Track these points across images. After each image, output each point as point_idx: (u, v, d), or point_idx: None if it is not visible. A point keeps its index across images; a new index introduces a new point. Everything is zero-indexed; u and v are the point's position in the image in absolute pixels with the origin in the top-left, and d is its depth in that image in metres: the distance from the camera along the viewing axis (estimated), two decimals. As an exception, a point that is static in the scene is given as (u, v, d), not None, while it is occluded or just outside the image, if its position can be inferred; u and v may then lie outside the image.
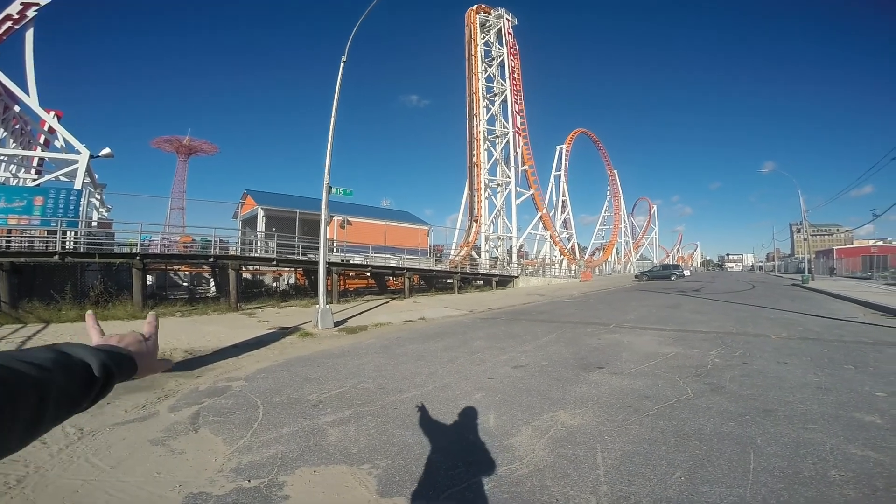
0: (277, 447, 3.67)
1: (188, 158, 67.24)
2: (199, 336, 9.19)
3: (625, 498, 2.77)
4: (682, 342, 8.21)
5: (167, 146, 66.11)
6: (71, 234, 14.47)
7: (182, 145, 65.89)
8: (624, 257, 76.42)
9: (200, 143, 67.69)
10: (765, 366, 6.23)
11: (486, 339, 9.01)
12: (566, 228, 55.12)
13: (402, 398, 5.02)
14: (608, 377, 5.81)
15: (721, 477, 3.01)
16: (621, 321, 11.47)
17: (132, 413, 4.58)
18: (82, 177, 17.47)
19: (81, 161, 17.61)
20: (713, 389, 5.10)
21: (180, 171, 66.55)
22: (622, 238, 74.33)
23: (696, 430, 3.85)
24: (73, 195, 15.26)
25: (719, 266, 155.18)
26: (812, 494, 2.76)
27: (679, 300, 17.81)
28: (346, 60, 11.46)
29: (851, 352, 7.13)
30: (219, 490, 2.98)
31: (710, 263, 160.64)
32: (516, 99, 36.86)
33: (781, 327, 9.90)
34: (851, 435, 3.68)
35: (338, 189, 11.55)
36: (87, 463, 3.40)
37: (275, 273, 23.55)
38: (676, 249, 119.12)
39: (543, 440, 3.73)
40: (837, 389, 5.01)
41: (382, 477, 3.14)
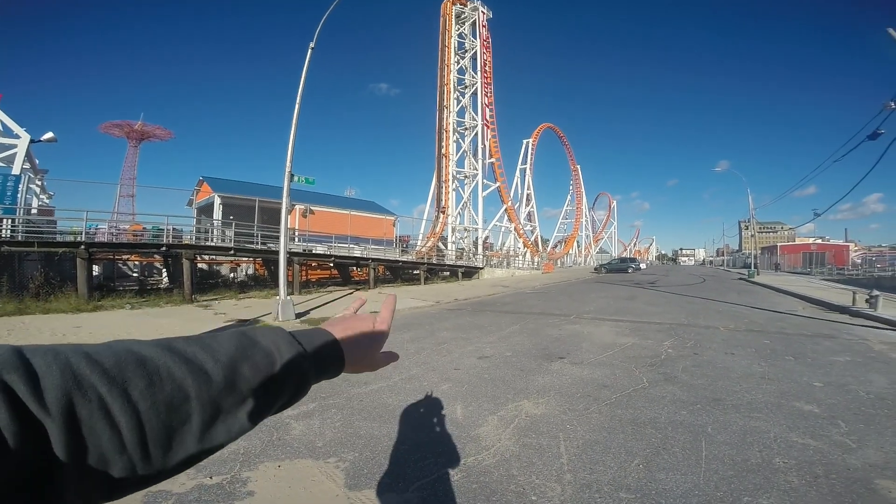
0: (238, 442, 3.56)
1: (140, 144, 63.71)
2: (151, 329, 8.79)
3: (587, 486, 2.88)
4: (638, 333, 8.56)
5: (117, 131, 62.32)
6: (7, 221, 13.49)
7: (133, 130, 62.27)
8: (584, 250, 78.62)
9: (153, 129, 64.22)
10: (714, 356, 6.58)
11: (453, 330, 9.07)
12: (530, 221, 56.01)
13: (368, 390, 4.99)
14: (569, 367, 5.98)
15: (676, 464, 3.16)
16: (581, 312, 11.82)
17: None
18: (21, 161, 16.31)
19: (21, 145, 16.45)
20: (667, 379, 5.35)
21: (130, 157, 62.99)
22: (583, 231, 76.36)
23: (651, 419, 4.03)
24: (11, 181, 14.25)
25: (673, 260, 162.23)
26: (759, 481, 2.93)
27: (635, 292, 18.52)
28: (314, 47, 11.12)
29: (792, 343, 7.62)
30: (179, 488, 2.87)
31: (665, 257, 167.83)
32: (486, 92, 36.94)
33: (729, 319, 10.48)
34: (793, 423, 3.92)
35: (300, 177, 11.25)
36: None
37: (232, 263, 22.73)
38: (634, 243, 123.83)
39: (509, 430, 3.81)
40: (779, 379, 5.35)
41: (350, 470, 3.12)
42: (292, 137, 10.98)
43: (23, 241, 12.81)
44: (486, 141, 37.03)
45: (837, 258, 46.71)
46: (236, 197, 27.26)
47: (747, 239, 69.36)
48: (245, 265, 23.39)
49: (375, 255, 23.42)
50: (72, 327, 8.73)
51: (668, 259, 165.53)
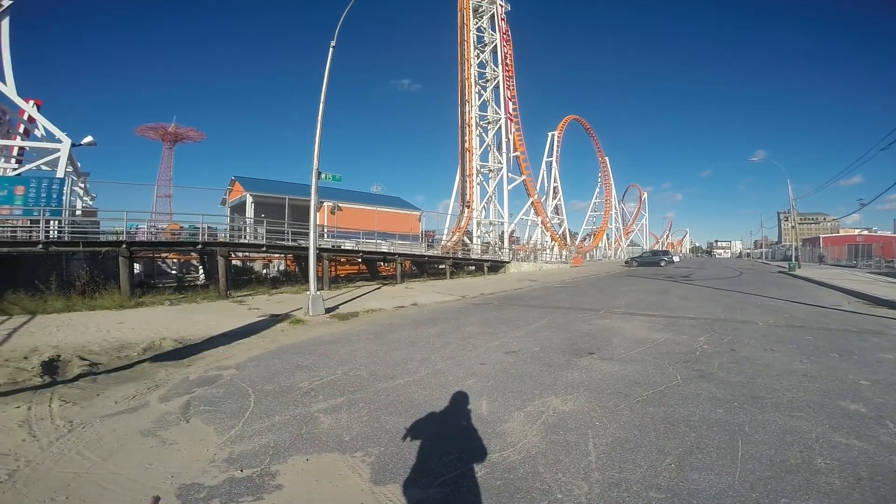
0: (269, 436, 3.66)
1: (174, 146, 66.21)
2: (188, 325, 9.11)
3: (616, 485, 2.80)
4: (671, 328, 8.31)
5: (152, 133, 64.95)
6: (54, 222, 14.23)
7: (167, 133, 64.77)
8: (614, 243, 77.01)
9: (186, 131, 66.59)
10: (752, 353, 6.32)
11: (479, 325, 9.04)
12: (557, 214, 55.26)
13: (395, 385, 5.03)
14: (599, 363, 5.86)
15: (710, 464, 3.05)
16: (611, 307, 11.57)
17: (122, 404, 4.52)
18: (64, 165, 17.13)
19: (63, 149, 17.26)
20: (702, 376, 5.17)
21: (166, 159, 65.59)
22: (612, 224, 74.78)
23: (685, 417, 3.89)
24: (56, 184, 14.95)
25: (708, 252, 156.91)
26: (799, 482, 2.80)
27: (668, 286, 18.00)
28: (335, 45, 11.22)
29: (836, 340, 7.23)
30: (211, 480, 2.96)
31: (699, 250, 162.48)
32: (508, 85, 36.55)
33: (768, 314, 10.05)
34: (836, 423, 3.73)
35: (327, 174, 11.39)
36: (78, 455, 3.35)
37: (265, 260, 23.35)
38: (666, 236, 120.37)
39: (535, 426, 3.76)
40: (823, 377, 5.09)
41: (375, 465, 3.14)
42: (318, 135, 11.13)
43: (69, 242, 13.50)
44: (510, 134, 36.66)
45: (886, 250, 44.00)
46: (267, 195, 27.95)
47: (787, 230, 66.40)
48: (277, 261, 23.99)
49: (402, 250, 23.60)
50: (115, 323, 9.14)
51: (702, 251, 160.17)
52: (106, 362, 6.33)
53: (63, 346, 7.04)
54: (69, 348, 6.86)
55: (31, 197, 14.26)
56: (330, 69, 11.19)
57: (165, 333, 8.14)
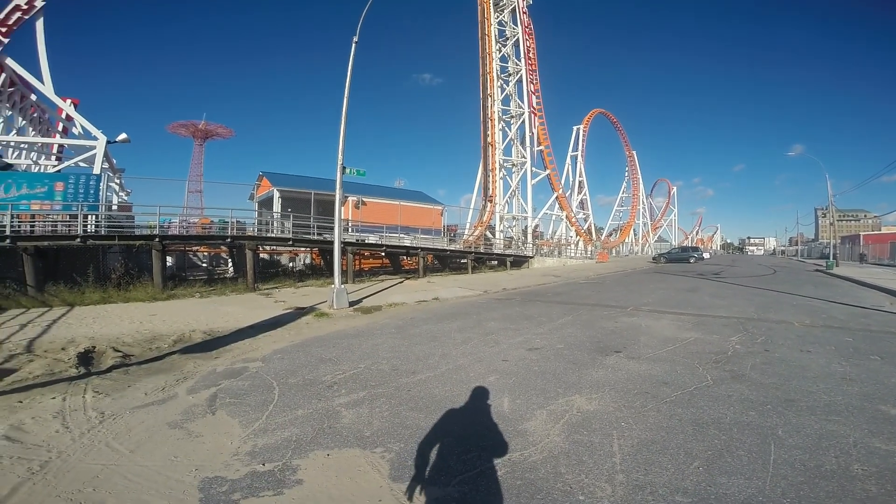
0: (292, 429, 3.70)
1: (204, 142, 68.35)
2: (217, 317, 9.35)
3: (641, 487, 2.72)
4: (701, 327, 8.05)
5: (183, 130, 67.09)
6: (92, 217, 14.82)
7: (198, 129, 66.78)
8: (642, 239, 75.20)
9: (216, 127, 68.53)
10: (787, 354, 6.07)
11: (501, 321, 8.97)
12: (583, 209, 54.30)
13: (416, 380, 5.03)
14: (625, 362, 5.72)
15: (740, 468, 2.94)
16: (639, 304, 11.30)
17: (152, 396, 4.65)
18: (100, 162, 17.83)
19: (99, 147, 17.95)
20: (734, 377, 4.99)
21: (197, 155, 67.73)
22: (640, 219, 72.99)
23: (715, 419, 3.76)
24: (93, 180, 15.58)
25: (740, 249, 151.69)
26: (833, 489, 2.69)
27: (698, 283, 17.47)
28: (357, 41, 11.29)
29: (878, 342, 6.88)
30: (234, 474, 3.00)
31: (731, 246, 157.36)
32: (531, 79, 35.97)
33: (805, 314, 9.63)
34: (876, 428, 3.56)
35: (351, 169, 11.48)
36: (107, 447, 3.45)
37: (291, 253, 23.77)
38: (696, 231, 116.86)
39: (558, 425, 3.69)
40: (863, 380, 4.85)
41: (395, 461, 3.14)
42: (342, 131, 11.21)
43: (105, 235, 14.06)
44: (534, 128, 36.09)
45: (932, 249, 41.58)
46: (293, 190, 28.42)
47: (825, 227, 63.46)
48: (303, 255, 24.39)
49: (424, 244, 23.64)
50: (148, 315, 9.45)
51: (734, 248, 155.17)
52: (138, 354, 6.54)
53: (98, 337, 7.31)
54: (104, 340, 7.12)
55: (69, 193, 14.89)
56: (353, 64, 11.26)
57: (195, 325, 8.36)
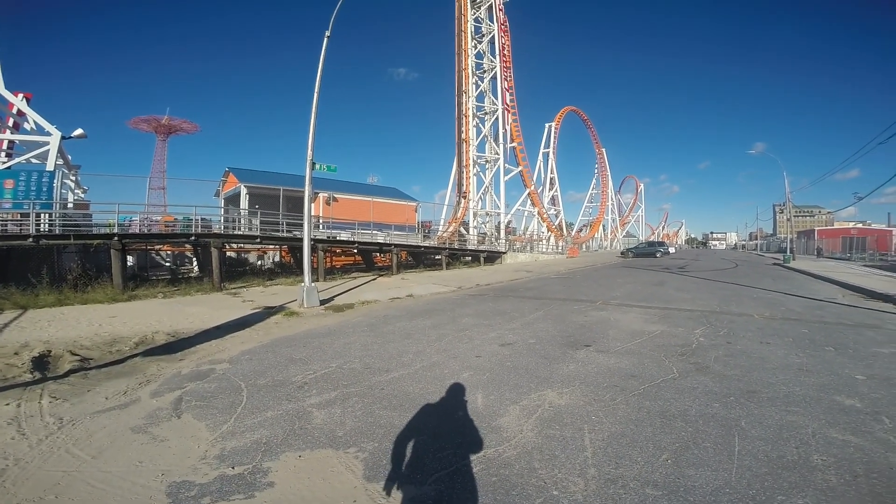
0: (262, 432, 3.61)
1: (168, 138, 66.35)
2: (181, 317, 9.02)
3: (612, 481, 2.77)
4: (667, 320, 8.30)
5: (145, 126, 64.91)
6: (45, 216, 14.06)
7: (161, 125, 64.69)
8: (610, 234, 77.12)
9: (180, 123, 66.47)
10: (748, 346, 6.32)
11: (475, 317, 9.01)
12: (554, 205, 55.19)
13: (389, 378, 4.98)
14: (595, 355, 5.84)
15: (706, 460, 3.03)
16: (608, 298, 11.56)
17: (113, 400, 4.45)
18: (54, 158, 17.01)
19: (53, 142, 17.10)
20: (698, 369, 5.15)
21: (160, 151, 65.62)
22: (609, 215, 74.85)
23: (681, 412, 3.87)
24: (46, 177, 14.82)
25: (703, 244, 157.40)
26: (796, 479, 2.78)
27: (664, 277, 18.02)
28: (329, 35, 11.07)
29: (832, 333, 7.25)
30: (202, 478, 2.91)
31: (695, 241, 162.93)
32: (506, 76, 36.22)
33: (764, 307, 10.06)
34: (833, 419, 3.72)
35: (321, 165, 11.26)
36: (67, 454, 3.30)
37: (259, 251, 23.22)
38: (662, 227, 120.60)
39: (531, 421, 3.73)
40: (819, 371, 5.08)
41: (369, 461, 3.10)
42: (312, 126, 10.97)
43: (60, 235, 13.31)
44: (507, 125, 36.40)
45: (880, 243, 44.20)
46: (262, 186, 27.71)
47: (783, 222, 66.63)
48: (272, 253, 23.87)
49: (397, 240, 23.51)
50: (107, 317, 9.02)
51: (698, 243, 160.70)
52: (97, 357, 6.25)
53: (54, 341, 6.94)
54: (60, 343, 6.76)
55: (20, 190, 14.11)
56: (324, 60, 11.04)
57: (158, 327, 8.05)
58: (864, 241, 45.58)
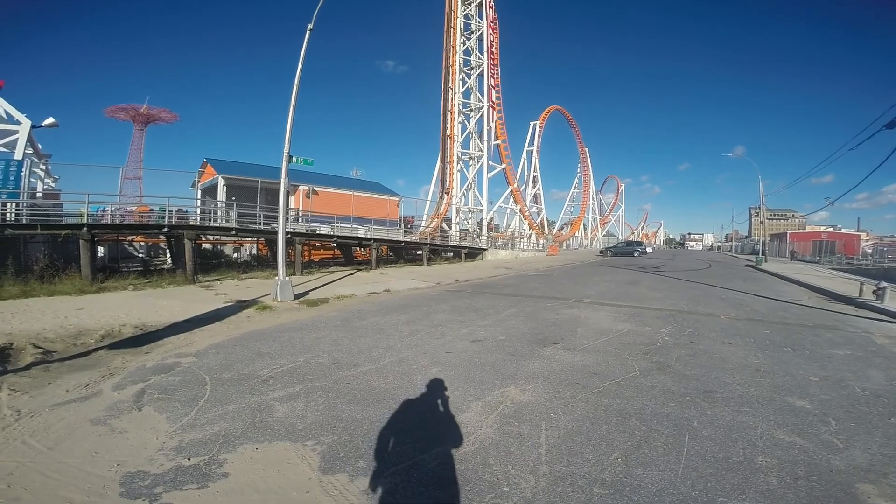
0: (222, 424, 3.60)
1: (146, 127, 64.80)
2: (151, 311, 8.84)
3: (562, 478, 2.84)
4: (636, 319, 8.48)
5: (123, 115, 63.40)
6: (11, 205, 13.62)
7: (139, 114, 63.28)
8: (591, 233, 78.09)
9: (159, 112, 65.08)
10: (711, 346, 6.49)
11: (449, 313, 9.07)
12: (536, 203, 55.63)
13: (356, 373, 5.00)
14: (561, 353, 5.95)
15: (655, 460, 3.10)
16: (581, 296, 11.75)
17: (74, 392, 4.39)
18: (23, 147, 16.50)
19: (22, 131, 16.62)
20: (659, 368, 5.29)
21: (136, 141, 64.12)
22: (590, 214, 75.76)
23: (637, 410, 3.97)
24: (13, 166, 14.38)
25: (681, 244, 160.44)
26: (738, 481, 2.84)
27: (639, 277, 18.37)
28: (312, 28, 10.92)
29: (792, 334, 7.48)
30: (157, 469, 2.93)
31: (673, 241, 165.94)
32: (493, 73, 36.31)
33: (731, 307, 10.35)
34: (782, 420, 3.82)
35: (298, 158, 11.15)
36: (23, 445, 3.28)
37: (236, 243, 22.82)
38: (642, 227, 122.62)
39: (492, 417, 3.79)
40: (775, 372, 5.24)
41: (326, 454, 3.13)
42: (290, 119, 10.84)
43: (26, 224, 12.90)
44: (492, 122, 36.56)
45: (848, 247, 45.87)
46: (240, 178, 27.19)
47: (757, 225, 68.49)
48: (249, 245, 23.49)
49: (378, 235, 23.40)
50: (74, 309, 8.79)
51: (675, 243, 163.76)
52: (61, 350, 6.12)
53: (17, 333, 6.75)
54: (23, 336, 6.59)
55: (-15, 179, 13.62)
56: (306, 53, 10.91)
57: (126, 320, 7.88)
58: (834, 244, 47.25)
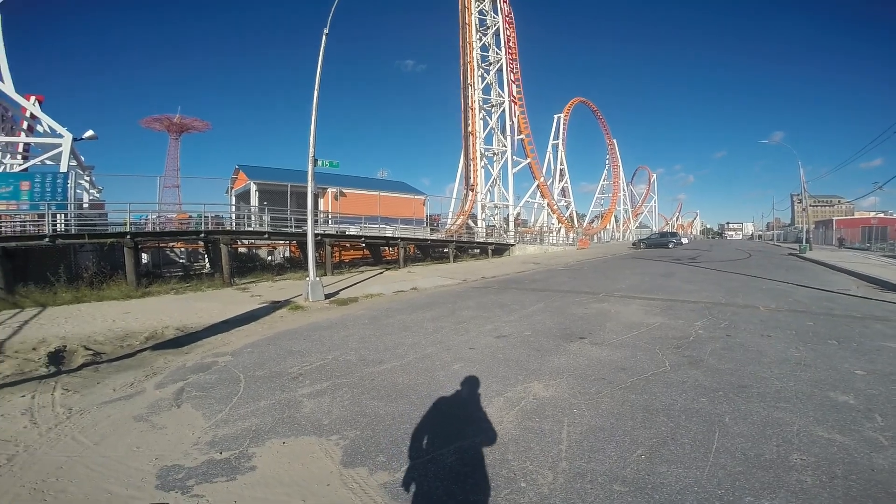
0: (253, 420, 3.76)
1: (180, 136, 67.59)
2: (191, 313, 9.24)
3: (581, 475, 2.79)
4: (668, 312, 8.25)
5: (157, 125, 66.19)
6: (61, 216, 14.48)
7: (173, 123, 65.84)
8: (623, 225, 76.18)
9: (191, 121, 67.57)
10: (748, 339, 6.22)
11: (475, 309, 9.07)
12: (564, 197, 54.72)
13: (381, 369, 5.09)
14: (588, 348, 5.86)
15: (681, 457, 2.99)
16: (611, 290, 11.51)
17: (120, 391, 4.65)
18: (67, 160, 17.50)
19: (65, 144, 17.61)
20: (691, 363, 5.12)
21: (172, 150, 66.94)
22: (621, 206, 73.86)
23: (666, 406, 3.86)
24: (60, 178, 15.22)
25: (719, 234, 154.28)
26: (769, 479, 2.70)
27: (673, 268, 17.81)
28: (328, 32, 11.14)
29: (838, 326, 7.04)
30: (191, 462, 3.09)
31: (710, 232, 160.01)
32: (512, 68, 35.93)
33: (771, 298, 9.87)
34: (822, 416, 3.61)
35: (324, 161, 11.41)
36: (72, 440, 3.51)
37: (269, 246, 23.52)
38: (676, 217, 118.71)
39: (513, 412, 3.79)
40: (817, 366, 4.94)
41: (349, 448, 3.22)
42: (313, 124, 11.09)
43: (74, 234, 13.71)
44: (515, 117, 36.20)
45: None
46: (270, 183, 28.04)
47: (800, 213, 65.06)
48: (282, 248, 24.17)
49: (405, 234, 23.62)
50: (121, 313, 9.28)
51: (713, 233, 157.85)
52: (109, 351, 6.48)
53: (70, 336, 7.20)
54: (75, 339, 7.02)
55: (36, 192, 14.51)
56: (323, 57, 11.14)
57: (168, 322, 8.27)
58: (885, 230, 44.36)
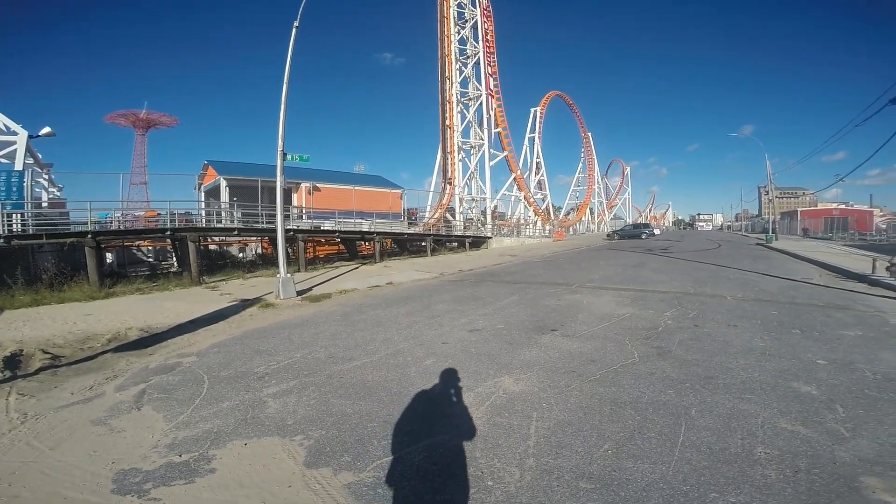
0: (215, 421, 3.65)
1: (147, 132, 65.30)
2: (157, 313, 8.91)
3: (548, 472, 2.77)
4: (639, 303, 8.38)
5: (123, 121, 63.87)
6: (17, 216, 13.79)
7: (139, 119, 63.73)
8: (598, 217, 77.44)
9: (159, 116, 65.52)
10: (715, 329, 6.31)
11: (450, 303, 9.05)
12: (541, 189, 55.19)
13: (351, 367, 5.01)
14: (560, 340, 5.90)
15: (648, 452, 2.98)
16: (584, 281, 11.65)
17: (78, 395, 4.48)
18: (22, 157, 16.75)
19: (20, 142, 16.88)
20: (659, 354, 5.18)
21: (139, 146, 64.81)
22: (596, 199, 74.98)
23: (633, 399, 3.87)
24: (15, 177, 14.56)
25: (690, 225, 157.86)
26: (733, 474, 2.69)
27: (645, 259, 18.17)
28: (298, 25, 10.83)
29: (801, 315, 7.24)
30: (149, 465, 3.00)
31: (682, 223, 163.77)
32: (489, 61, 35.85)
33: (739, 288, 10.12)
34: (785, 407, 3.64)
35: (293, 155, 11.12)
36: (27, 446, 3.39)
37: (240, 243, 22.94)
38: (649, 209, 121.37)
39: (483, 408, 3.76)
40: (781, 356, 5.02)
41: (313, 448, 3.15)
42: (282, 117, 10.82)
43: (32, 234, 13.05)
44: (492, 111, 36.19)
45: (860, 223, 45.06)
46: (241, 178, 27.28)
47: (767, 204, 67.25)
48: (253, 245, 23.63)
49: (381, 228, 23.42)
50: (83, 315, 8.88)
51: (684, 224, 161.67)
52: (69, 354, 6.21)
53: (27, 340, 6.87)
54: (33, 342, 6.70)
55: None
56: (293, 50, 10.84)
57: (132, 323, 7.97)
58: (846, 221, 46.41)
